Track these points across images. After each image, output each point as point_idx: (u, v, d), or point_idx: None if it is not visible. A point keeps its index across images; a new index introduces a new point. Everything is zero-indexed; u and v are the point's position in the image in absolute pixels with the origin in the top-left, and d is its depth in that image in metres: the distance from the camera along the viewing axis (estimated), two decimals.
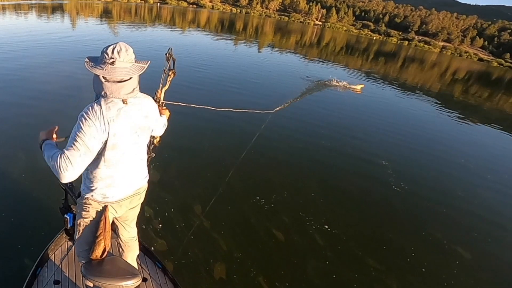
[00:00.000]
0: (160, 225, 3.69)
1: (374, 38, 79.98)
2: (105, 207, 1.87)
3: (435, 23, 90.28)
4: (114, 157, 1.72)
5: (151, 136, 2.06)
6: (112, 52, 1.58)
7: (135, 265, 2.32)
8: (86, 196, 1.85)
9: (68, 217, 2.42)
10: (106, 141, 1.64)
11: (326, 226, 4.15)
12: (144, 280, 2.47)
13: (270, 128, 7.11)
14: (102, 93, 1.62)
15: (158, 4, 61.37)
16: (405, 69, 29.08)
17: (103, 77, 1.60)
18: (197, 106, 3.25)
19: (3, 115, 5.99)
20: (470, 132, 11.01)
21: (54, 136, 1.86)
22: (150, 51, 13.65)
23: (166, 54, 2.37)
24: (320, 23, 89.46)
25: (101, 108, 1.59)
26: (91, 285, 1.91)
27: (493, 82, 35.55)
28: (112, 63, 1.58)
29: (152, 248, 3.04)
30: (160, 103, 2.30)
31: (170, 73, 2.39)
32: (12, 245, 3.18)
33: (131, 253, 2.31)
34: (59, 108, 6.41)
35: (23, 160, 4.61)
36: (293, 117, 8.36)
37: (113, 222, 2.11)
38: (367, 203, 5.03)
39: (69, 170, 1.55)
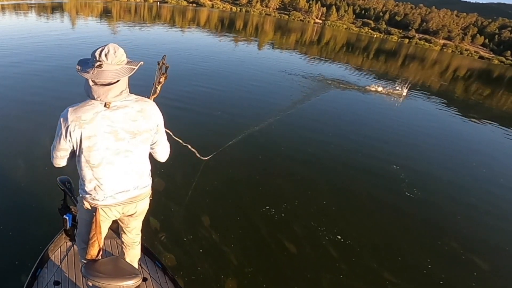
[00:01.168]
0: (167, 238, 3.55)
1: (375, 36, 79.77)
2: (96, 209, 1.86)
3: (435, 21, 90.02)
4: (94, 159, 1.71)
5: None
6: (100, 55, 1.58)
7: (135, 265, 2.30)
8: (80, 196, 1.91)
9: (67, 218, 2.44)
10: (80, 143, 1.67)
11: (339, 237, 4.01)
12: (144, 279, 2.44)
13: (276, 135, 6.99)
14: (90, 96, 1.63)
15: (158, 3, 61.11)
16: (406, 67, 28.91)
17: (92, 80, 1.58)
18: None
19: (3, 116, 5.91)
20: (478, 134, 10.88)
21: None
22: (147, 51, 13.51)
23: (159, 62, 2.25)
24: (320, 21, 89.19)
25: (74, 111, 1.64)
26: (91, 285, 1.89)
27: (494, 80, 35.43)
28: (99, 66, 1.56)
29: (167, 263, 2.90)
30: None
31: (161, 80, 2.28)
32: (11, 246, 3.16)
33: (132, 255, 2.30)
34: (60, 108, 6.28)
35: (22, 162, 4.54)
36: (299, 123, 8.19)
37: (115, 222, 2.09)
38: (380, 210, 4.88)
39: (52, 160, 1.85)
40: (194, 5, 73.29)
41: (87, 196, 1.83)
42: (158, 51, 13.81)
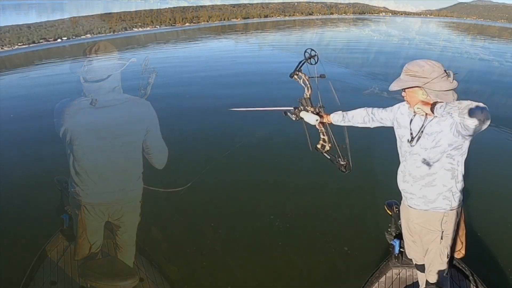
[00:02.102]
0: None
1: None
2: (81, 206, 1.86)
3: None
4: (76, 154, 1.77)
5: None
6: (90, 52, 1.60)
7: (131, 265, 2.29)
8: (69, 190, 1.96)
9: (64, 218, 2.49)
10: (64, 136, 1.73)
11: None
12: (141, 280, 2.43)
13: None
14: (82, 93, 1.65)
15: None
16: None
17: (83, 77, 1.61)
18: None
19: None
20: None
21: None
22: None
23: (141, 64, 2.21)
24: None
25: (62, 105, 1.71)
26: (88, 285, 1.90)
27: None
28: (89, 63, 1.59)
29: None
30: None
31: (150, 80, 2.23)
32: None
33: (126, 257, 2.26)
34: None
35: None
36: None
37: (108, 222, 2.09)
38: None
39: None
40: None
41: (74, 191, 1.90)
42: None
